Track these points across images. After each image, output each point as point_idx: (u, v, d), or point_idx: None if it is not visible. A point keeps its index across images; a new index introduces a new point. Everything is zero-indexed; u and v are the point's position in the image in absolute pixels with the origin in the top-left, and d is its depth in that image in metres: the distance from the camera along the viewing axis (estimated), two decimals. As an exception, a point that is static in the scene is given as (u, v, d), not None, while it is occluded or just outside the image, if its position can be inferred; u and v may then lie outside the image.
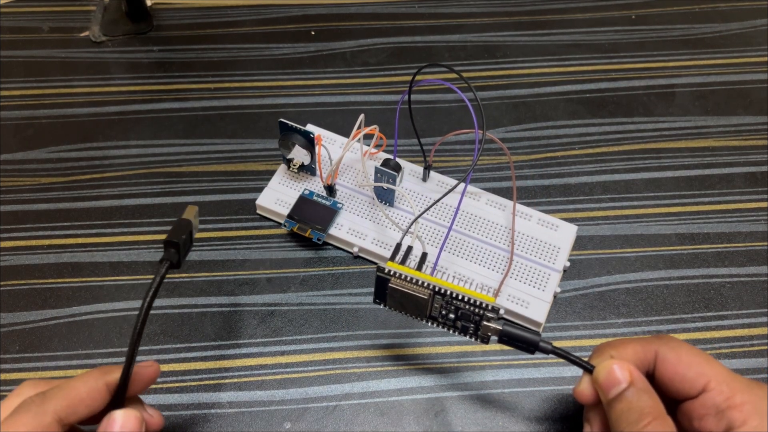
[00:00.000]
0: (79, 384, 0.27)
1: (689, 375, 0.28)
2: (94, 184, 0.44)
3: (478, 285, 0.38)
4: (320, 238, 0.40)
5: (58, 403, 0.26)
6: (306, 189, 0.42)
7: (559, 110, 0.48)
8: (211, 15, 0.54)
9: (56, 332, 0.38)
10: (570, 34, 0.53)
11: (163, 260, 0.30)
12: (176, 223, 0.31)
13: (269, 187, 0.43)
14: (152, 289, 0.28)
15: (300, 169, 0.42)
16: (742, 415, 0.27)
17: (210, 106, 0.48)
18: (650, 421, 0.26)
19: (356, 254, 0.41)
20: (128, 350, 0.28)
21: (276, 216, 0.42)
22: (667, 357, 0.28)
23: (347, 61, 0.51)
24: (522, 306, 0.38)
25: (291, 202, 0.42)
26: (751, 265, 0.41)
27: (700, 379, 0.28)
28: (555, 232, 0.41)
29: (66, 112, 0.48)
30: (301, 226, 0.40)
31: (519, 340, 0.30)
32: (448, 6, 0.55)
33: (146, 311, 0.28)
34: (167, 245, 0.30)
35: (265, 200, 0.42)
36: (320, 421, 0.35)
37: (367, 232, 0.41)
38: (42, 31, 0.53)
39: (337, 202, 0.41)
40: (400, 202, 0.42)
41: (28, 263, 0.41)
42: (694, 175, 0.45)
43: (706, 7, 0.55)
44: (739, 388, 0.27)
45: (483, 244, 0.40)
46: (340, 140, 0.45)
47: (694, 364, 0.28)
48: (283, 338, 0.38)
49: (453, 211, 0.41)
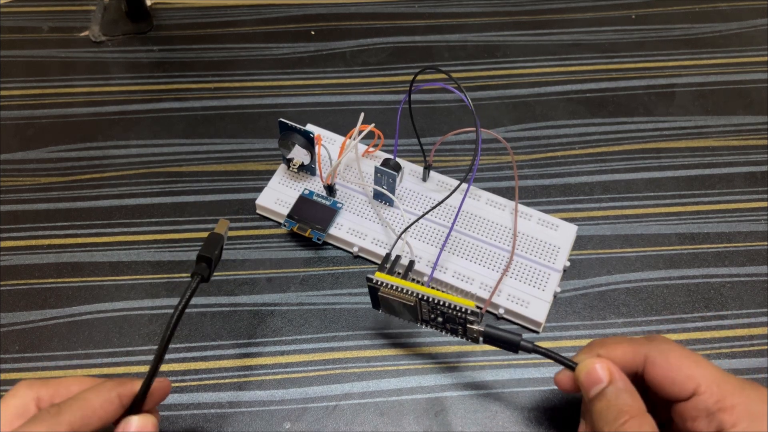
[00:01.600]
0: (92, 396, 0.27)
1: (679, 378, 0.28)
2: (94, 184, 0.44)
3: (478, 284, 0.38)
4: (320, 238, 0.40)
5: (73, 414, 0.26)
6: (306, 189, 0.42)
7: (559, 110, 0.48)
8: (211, 15, 0.54)
9: (56, 332, 0.38)
10: (570, 34, 0.53)
11: (195, 275, 0.30)
12: (209, 238, 0.31)
13: (269, 186, 0.43)
14: (182, 303, 0.28)
15: (300, 169, 0.42)
16: (732, 417, 0.27)
17: (210, 106, 0.48)
18: (628, 420, 0.26)
19: (356, 254, 0.41)
20: (153, 360, 0.28)
21: (276, 216, 0.42)
22: (657, 360, 0.28)
23: (347, 61, 0.51)
24: (522, 306, 0.38)
25: (291, 202, 0.42)
26: (751, 265, 0.41)
27: (690, 382, 0.28)
28: (555, 231, 0.41)
29: (66, 112, 0.48)
30: (301, 226, 0.40)
31: (501, 340, 0.31)
32: (447, 6, 0.55)
33: (175, 324, 0.28)
34: (200, 259, 0.30)
35: (265, 200, 0.42)
36: (320, 421, 0.35)
37: (367, 232, 0.40)
38: (42, 31, 0.53)
39: (337, 202, 0.41)
40: (400, 201, 0.42)
41: (28, 263, 0.41)
42: (694, 175, 0.45)
43: (706, 7, 0.55)
44: (730, 390, 0.27)
45: (483, 244, 0.40)
46: (339, 140, 0.45)
47: (684, 367, 0.28)
48: (283, 338, 0.38)
49: (452, 210, 0.41)
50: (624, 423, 0.26)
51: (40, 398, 0.28)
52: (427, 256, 0.39)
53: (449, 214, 0.41)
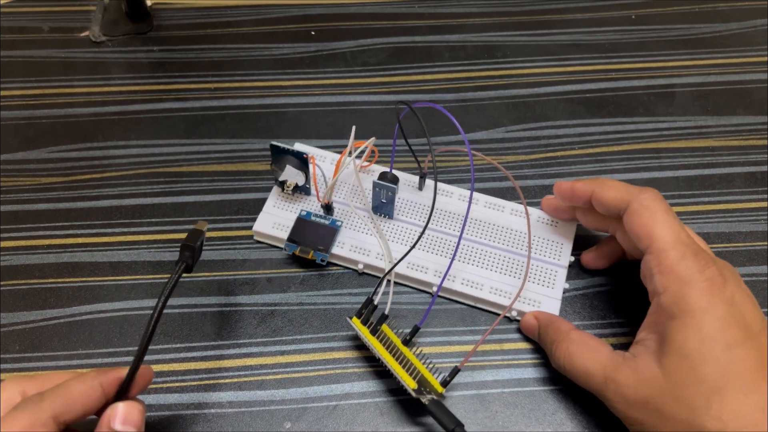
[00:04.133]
0: (75, 384, 0.28)
1: (641, 234, 0.32)
2: (94, 184, 0.44)
3: (489, 289, 0.38)
4: (324, 259, 0.39)
5: (55, 401, 0.27)
6: (303, 210, 0.41)
7: (559, 110, 0.48)
8: (211, 15, 0.54)
9: (56, 332, 0.38)
10: (570, 34, 0.53)
11: (179, 261, 0.31)
12: (191, 231, 0.33)
13: (264, 211, 0.41)
14: (168, 288, 0.30)
15: (294, 190, 0.42)
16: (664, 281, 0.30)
17: (210, 106, 0.48)
18: (556, 346, 0.34)
19: (362, 271, 0.40)
20: (140, 346, 0.28)
21: (275, 240, 0.41)
22: (633, 213, 0.32)
23: (347, 61, 0.51)
24: (534, 306, 0.38)
25: (288, 225, 0.40)
26: (751, 265, 0.41)
27: (646, 240, 0.31)
28: (555, 227, 0.41)
29: (66, 112, 0.48)
30: (303, 249, 0.39)
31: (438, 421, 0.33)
32: (448, 6, 0.55)
33: (160, 310, 0.29)
34: (184, 248, 0.32)
35: (261, 226, 0.41)
36: (320, 421, 0.35)
37: (370, 247, 0.40)
38: (42, 31, 0.53)
39: (336, 220, 0.40)
40: (400, 213, 0.41)
41: (28, 263, 0.41)
42: (694, 175, 0.45)
43: (706, 7, 0.55)
44: (675, 257, 0.30)
45: (485, 247, 0.40)
46: (330, 156, 0.44)
47: (648, 226, 0.31)
48: (283, 338, 0.38)
49: (448, 216, 0.41)
50: (554, 348, 0.35)
51: (26, 392, 0.28)
52: (433, 266, 0.39)
53: (447, 222, 0.41)
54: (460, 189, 0.42)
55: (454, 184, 0.43)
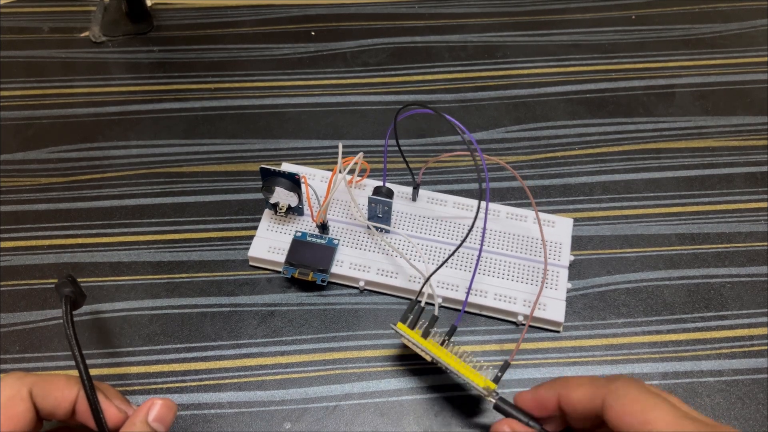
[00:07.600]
0: (57, 376, 0.30)
1: (634, 424, 0.29)
2: (94, 184, 0.44)
3: (492, 295, 0.38)
4: (324, 280, 0.38)
5: (35, 380, 0.29)
6: (297, 231, 0.40)
7: (559, 110, 0.48)
8: (211, 15, 0.54)
9: (56, 332, 0.38)
10: (570, 34, 0.53)
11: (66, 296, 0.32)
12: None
13: (258, 236, 0.40)
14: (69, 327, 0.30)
15: (287, 212, 0.41)
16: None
17: (210, 106, 0.48)
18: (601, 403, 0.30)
19: (363, 288, 0.39)
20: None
21: (272, 265, 0.40)
22: (613, 406, 0.30)
23: (347, 62, 0.51)
24: (540, 309, 0.38)
25: (284, 248, 0.39)
26: (751, 265, 0.41)
27: (645, 427, 0.29)
28: (553, 228, 0.41)
29: (66, 112, 0.48)
30: (302, 271, 0.38)
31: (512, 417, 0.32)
32: (448, 6, 0.55)
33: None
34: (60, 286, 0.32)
35: (256, 251, 0.40)
36: (320, 422, 0.35)
37: (370, 264, 0.39)
38: (42, 31, 0.53)
39: (333, 239, 0.40)
40: (396, 226, 0.41)
41: (28, 263, 0.41)
42: (694, 175, 0.45)
43: (706, 7, 0.55)
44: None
45: (490, 254, 0.40)
46: (320, 174, 0.43)
47: (638, 413, 0.29)
48: (283, 338, 0.38)
49: (455, 225, 0.41)
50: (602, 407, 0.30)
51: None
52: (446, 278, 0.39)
53: (452, 233, 0.41)
54: (455, 197, 0.42)
55: (454, 185, 0.43)
